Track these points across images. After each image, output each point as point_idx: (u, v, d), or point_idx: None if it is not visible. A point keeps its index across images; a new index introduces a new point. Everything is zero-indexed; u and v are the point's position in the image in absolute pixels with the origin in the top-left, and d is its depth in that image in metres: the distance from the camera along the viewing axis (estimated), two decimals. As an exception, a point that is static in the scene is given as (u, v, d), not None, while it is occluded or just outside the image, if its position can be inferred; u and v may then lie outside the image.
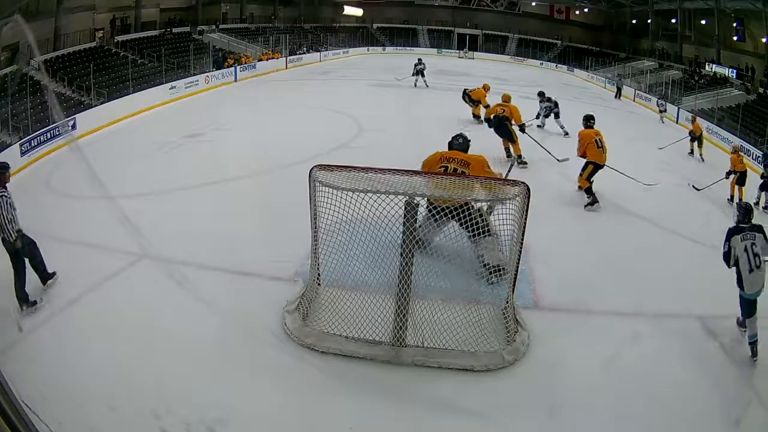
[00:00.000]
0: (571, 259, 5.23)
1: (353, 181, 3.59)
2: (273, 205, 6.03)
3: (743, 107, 15.57)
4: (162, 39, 18.97)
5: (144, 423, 3.02)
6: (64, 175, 7.83)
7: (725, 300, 4.64)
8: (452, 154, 4.68)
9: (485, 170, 4.56)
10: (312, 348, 3.66)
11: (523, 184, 3.68)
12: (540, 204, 6.36)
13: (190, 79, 15.37)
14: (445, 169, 4.51)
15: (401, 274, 3.53)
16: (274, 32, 24.40)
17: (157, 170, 7.87)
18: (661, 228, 6.23)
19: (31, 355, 3.57)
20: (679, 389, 3.48)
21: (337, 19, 31.69)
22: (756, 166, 10.47)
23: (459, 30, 32.89)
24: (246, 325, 3.95)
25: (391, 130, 10.32)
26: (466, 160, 4.63)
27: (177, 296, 4.35)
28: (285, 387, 3.39)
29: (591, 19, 31.29)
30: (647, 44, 26.79)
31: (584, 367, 3.66)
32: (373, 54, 29.31)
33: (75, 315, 4.05)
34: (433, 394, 3.36)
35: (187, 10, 22.19)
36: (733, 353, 3.89)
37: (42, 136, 9.03)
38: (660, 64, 24.03)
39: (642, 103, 18.35)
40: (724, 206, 7.52)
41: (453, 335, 3.64)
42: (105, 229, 5.49)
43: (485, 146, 7.03)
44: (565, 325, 4.16)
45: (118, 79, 14.15)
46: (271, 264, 4.78)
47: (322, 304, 3.99)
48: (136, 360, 3.49)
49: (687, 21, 23.84)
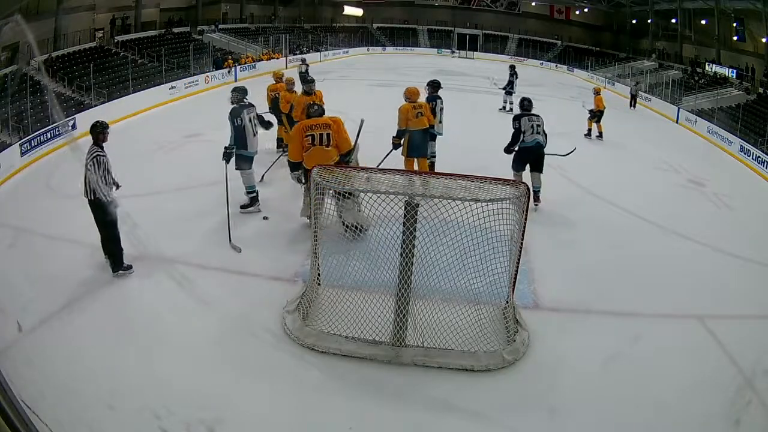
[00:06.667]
0: (571, 259, 5.23)
1: (353, 181, 3.59)
2: (273, 205, 6.04)
3: (743, 107, 15.56)
4: (162, 39, 18.97)
5: (144, 423, 3.02)
6: (64, 175, 7.82)
7: (725, 300, 4.66)
8: (312, 122, 4.93)
9: (342, 128, 4.98)
10: (312, 348, 3.66)
11: (523, 185, 3.69)
12: (540, 204, 6.40)
13: (190, 79, 15.37)
14: (312, 137, 4.77)
15: (401, 274, 3.53)
16: (274, 32, 24.40)
17: (157, 170, 7.87)
18: (661, 228, 6.23)
19: (31, 355, 3.56)
20: (679, 389, 3.47)
21: (337, 19, 31.69)
22: (757, 167, 10.49)
23: (459, 30, 32.88)
24: (246, 325, 3.94)
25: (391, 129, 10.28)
26: (325, 122, 4.95)
27: (177, 296, 4.34)
28: (285, 387, 3.39)
29: (591, 19, 31.28)
30: (647, 44, 26.79)
31: (584, 367, 3.65)
32: (372, 54, 29.29)
33: (75, 315, 4.04)
34: (433, 394, 3.36)
35: (187, 10, 22.18)
36: (733, 353, 3.88)
37: (42, 136, 9.03)
38: (660, 64, 24.02)
39: (642, 103, 18.33)
40: (723, 206, 7.52)
41: (453, 335, 3.64)
42: (105, 229, 5.48)
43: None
44: (565, 325, 4.16)
45: (118, 79, 14.15)
46: (271, 264, 4.78)
47: (322, 304, 3.99)
48: (136, 360, 3.48)
49: (687, 21, 23.82)
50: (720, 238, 5.99)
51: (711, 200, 7.69)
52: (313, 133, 4.88)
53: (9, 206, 6.81)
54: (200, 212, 6.05)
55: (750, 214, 7.35)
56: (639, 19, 28.15)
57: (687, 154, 10.75)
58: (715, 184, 8.49)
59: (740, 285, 4.97)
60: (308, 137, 4.85)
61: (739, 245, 5.82)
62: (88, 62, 14.03)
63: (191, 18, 21.99)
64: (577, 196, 7.06)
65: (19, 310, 3.99)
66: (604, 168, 8.59)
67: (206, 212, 6.03)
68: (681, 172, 9.03)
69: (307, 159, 4.85)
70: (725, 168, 10.59)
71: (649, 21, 26.82)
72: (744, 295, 4.77)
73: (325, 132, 4.91)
